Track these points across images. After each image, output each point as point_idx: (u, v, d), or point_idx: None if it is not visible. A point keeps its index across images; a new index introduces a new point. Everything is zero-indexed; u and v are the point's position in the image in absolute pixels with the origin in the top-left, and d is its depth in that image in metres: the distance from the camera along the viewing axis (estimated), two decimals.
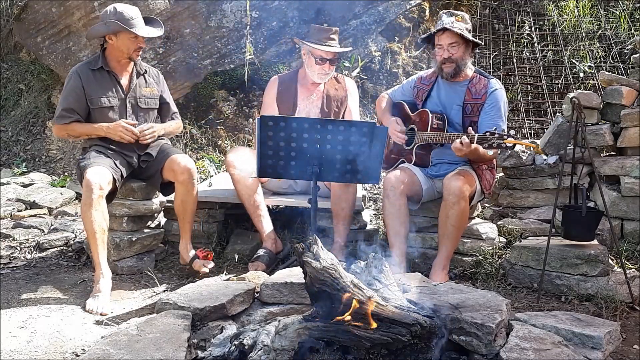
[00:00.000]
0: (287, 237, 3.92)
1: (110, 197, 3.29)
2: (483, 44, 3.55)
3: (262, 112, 3.89)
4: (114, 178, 3.22)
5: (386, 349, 2.15)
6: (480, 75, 3.46)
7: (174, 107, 3.67)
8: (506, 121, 3.41)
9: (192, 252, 3.45)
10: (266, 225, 3.60)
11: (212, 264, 3.41)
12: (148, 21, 3.41)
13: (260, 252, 3.53)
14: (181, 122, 3.75)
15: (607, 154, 4.21)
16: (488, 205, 4.31)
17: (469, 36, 3.35)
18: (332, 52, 3.65)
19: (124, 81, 3.40)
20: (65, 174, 5.44)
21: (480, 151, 3.14)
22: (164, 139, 3.63)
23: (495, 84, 3.42)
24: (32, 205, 4.63)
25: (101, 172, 3.13)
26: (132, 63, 3.41)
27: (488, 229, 3.61)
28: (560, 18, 6.58)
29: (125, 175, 3.37)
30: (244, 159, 3.57)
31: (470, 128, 3.16)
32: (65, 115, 3.30)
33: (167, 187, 3.56)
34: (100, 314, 2.87)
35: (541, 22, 6.67)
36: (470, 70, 3.45)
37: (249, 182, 3.53)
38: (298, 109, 3.77)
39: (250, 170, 3.50)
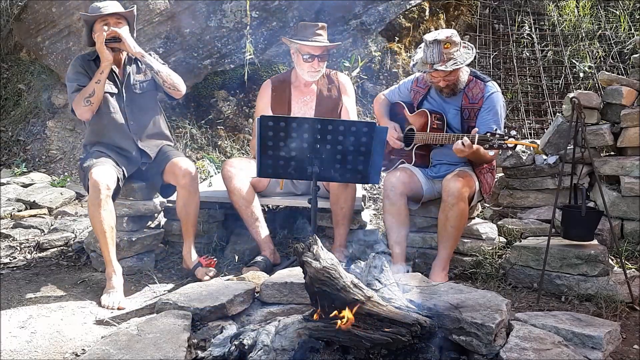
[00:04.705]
0: (287, 237, 3.92)
1: (113, 197, 3.28)
2: (475, 54, 3.42)
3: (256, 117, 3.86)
4: (117, 177, 3.23)
5: (386, 349, 2.16)
6: (477, 78, 3.39)
7: None
8: (503, 124, 3.36)
9: (195, 258, 3.41)
10: (264, 235, 3.57)
11: (214, 272, 3.37)
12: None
13: (258, 258, 3.50)
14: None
15: (607, 154, 4.20)
16: (488, 205, 4.31)
17: (463, 62, 3.23)
18: (319, 46, 3.57)
19: (117, 70, 3.41)
20: (65, 174, 5.43)
21: (481, 152, 3.14)
22: (166, 140, 3.61)
23: (492, 87, 3.36)
24: (32, 205, 4.62)
25: (107, 171, 3.15)
26: (123, 52, 3.38)
27: (488, 229, 3.61)
28: (560, 18, 6.58)
29: (127, 174, 3.38)
30: (240, 170, 3.53)
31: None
32: (78, 88, 3.27)
33: (167, 189, 3.57)
34: (118, 309, 2.92)
35: (541, 22, 6.67)
36: (465, 74, 3.39)
37: (246, 194, 3.50)
38: (292, 112, 3.71)
39: (247, 184, 3.52)
